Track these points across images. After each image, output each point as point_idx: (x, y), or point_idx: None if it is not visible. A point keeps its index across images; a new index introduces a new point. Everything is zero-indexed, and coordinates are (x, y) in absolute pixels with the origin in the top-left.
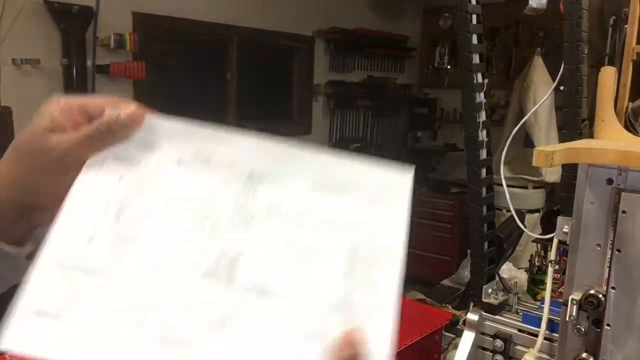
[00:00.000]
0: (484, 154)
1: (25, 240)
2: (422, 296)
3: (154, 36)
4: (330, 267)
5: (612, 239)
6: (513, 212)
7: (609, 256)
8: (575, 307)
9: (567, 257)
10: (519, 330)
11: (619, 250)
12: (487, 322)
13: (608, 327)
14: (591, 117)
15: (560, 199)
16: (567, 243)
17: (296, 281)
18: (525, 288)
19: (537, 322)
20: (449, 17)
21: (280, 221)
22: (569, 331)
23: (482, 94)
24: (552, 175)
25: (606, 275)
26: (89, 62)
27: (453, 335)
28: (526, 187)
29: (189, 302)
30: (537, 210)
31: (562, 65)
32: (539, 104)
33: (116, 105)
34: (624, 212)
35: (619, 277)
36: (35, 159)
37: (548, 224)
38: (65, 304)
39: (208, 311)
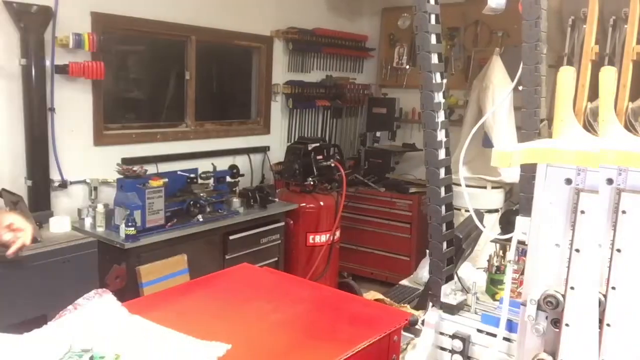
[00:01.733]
0: (442, 154)
1: None
2: (380, 296)
3: (112, 36)
4: None
5: (570, 238)
6: (472, 212)
7: (568, 256)
8: (533, 307)
9: (525, 257)
10: (478, 330)
11: (618, 250)
12: (446, 322)
13: (567, 327)
14: (550, 117)
15: (519, 198)
16: (526, 243)
17: None
18: (483, 288)
19: (495, 322)
20: (407, 17)
21: None
22: (527, 331)
23: (440, 94)
24: (511, 175)
25: (565, 276)
26: (47, 62)
27: (412, 335)
28: (485, 187)
29: None
30: (496, 210)
31: (521, 65)
32: (498, 104)
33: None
34: (624, 212)
35: (619, 277)
36: None
37: (507, 224)
38: None
39: None
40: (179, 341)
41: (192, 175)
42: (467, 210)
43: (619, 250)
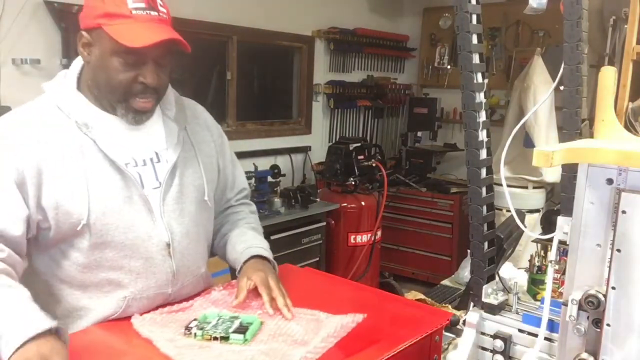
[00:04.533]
0: (484, 154)
1: None
2: (422, 296)
3: None
4: None
5: (612, 238)
6: (513, 212)
7: (609, 256)
8: (575, 307)
9: (567, 257)
10: (519, 330)
11: (619, 250)
12: (487, 322)
13: (608, 327)
14: (591, 117)
15: (560, 198)
16: (567, 243)
17: None
18: (525, 288)
19: (537, 322)
20: (449, 17)
21: None
22: (568, 331)
23: (482, 94)
24: (552, 175)
25: (606, 275)
26: None
27: (453, 335)
28: (526, 187)
29: None
30: (537, 210)
31: (562, 65)
32: (539, 104)
33: None
34: (624, 212)
35: (619, 277)
36: None
37: (548, 224)
38: None
39: None
40: (311, 314)
41: None
42: (508, 210)
43: (618, 250)
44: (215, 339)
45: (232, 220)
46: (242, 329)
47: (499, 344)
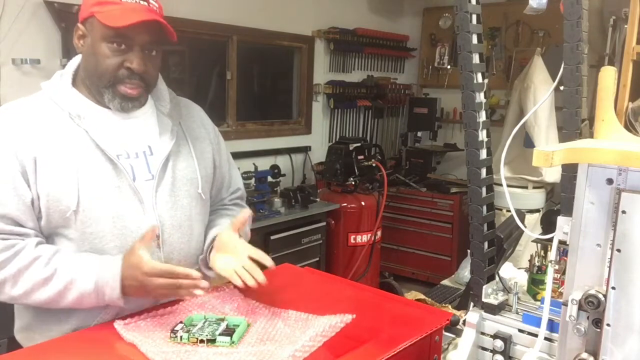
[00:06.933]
0: (484, 154)
1: None
2: (422, 296)
3: None
4: None
5: (612, 238)
6: (513, 212)
7: (609, 256)
8: (575, 307)
9: (567, 257)
10: (519, 330)
11: (619, 250)
12: (487, 322)
13: (608, 327)
14: (591, 117)
15: (560, 198)
16: (567, 243)
17: None
18: (525, 288)
19: (537, 322)
20: (449, 17)
21: None
22: (569, 331)
23: (482, 94)
24: (552, 175)
25: (606, 275)
26: None
27: (453, 335)
28: (526, 187)
29: None
30: (537, 210)
31: (562, 65)
32: (539, 104)
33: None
34: (624, 212)
35: (619, 277)
36: None
37: (548, 224)
38: None
39: None
40: (299, 316)
41: None
42: (508, 210)
43: (618, 250)
44: (202, 341)
45: (221, 215)
46: (229, 332)
47: (499, 344)
